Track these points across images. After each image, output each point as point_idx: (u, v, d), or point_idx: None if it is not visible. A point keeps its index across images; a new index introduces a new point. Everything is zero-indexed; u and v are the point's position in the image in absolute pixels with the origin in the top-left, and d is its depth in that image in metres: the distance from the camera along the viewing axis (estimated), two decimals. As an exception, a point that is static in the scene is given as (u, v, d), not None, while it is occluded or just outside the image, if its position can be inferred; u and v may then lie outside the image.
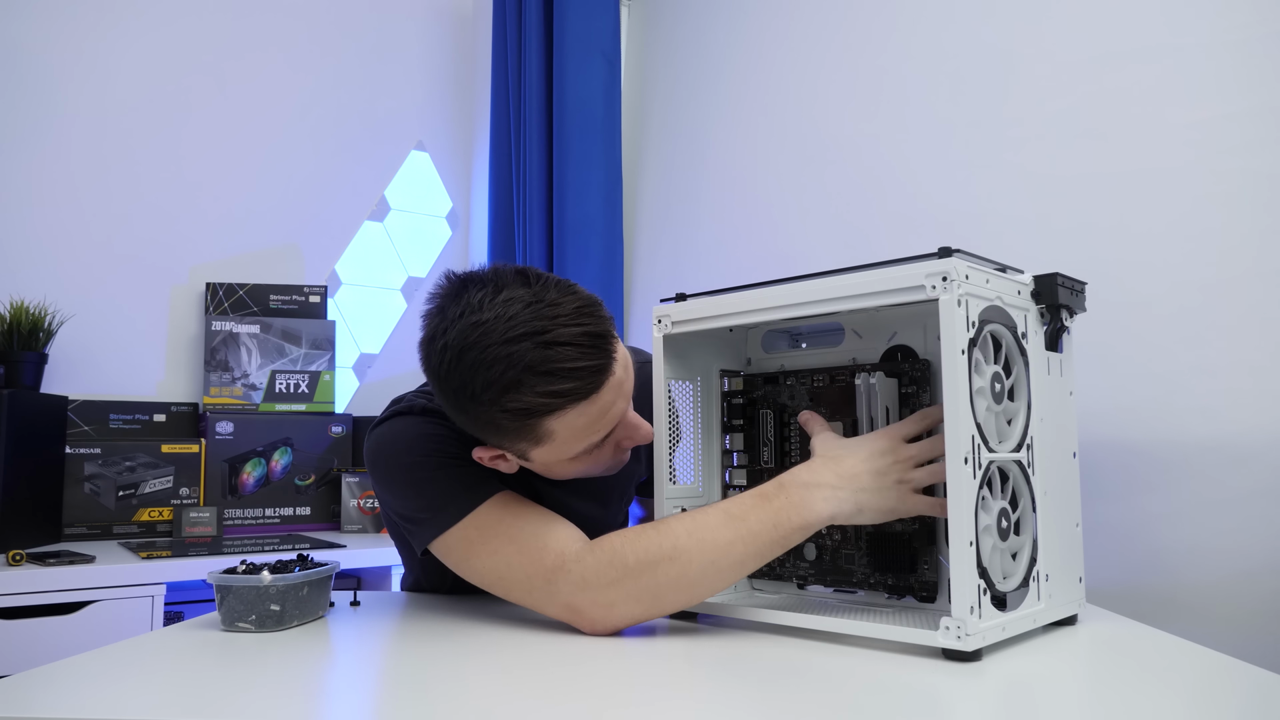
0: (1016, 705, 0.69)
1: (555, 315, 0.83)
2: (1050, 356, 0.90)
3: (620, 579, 0.85)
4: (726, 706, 0.68)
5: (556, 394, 0.83)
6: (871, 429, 0.90)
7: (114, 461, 1.93)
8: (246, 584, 0.89)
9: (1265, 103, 1.14)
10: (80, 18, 2.11)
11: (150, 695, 0.71)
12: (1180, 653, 0.81)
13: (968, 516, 0.75)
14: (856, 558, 0.94)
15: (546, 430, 0.86)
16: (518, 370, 0.82)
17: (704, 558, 0.84)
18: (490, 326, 0.82)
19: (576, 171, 2.18)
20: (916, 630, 0.78)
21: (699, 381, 1.04)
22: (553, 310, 0.83)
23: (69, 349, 2.02)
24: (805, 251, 1.77)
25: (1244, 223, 1.15)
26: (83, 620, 1.51)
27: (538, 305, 0.83)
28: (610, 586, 0.85)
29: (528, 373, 0.82)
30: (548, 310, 0.83)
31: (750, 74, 1.95)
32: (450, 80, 2.64)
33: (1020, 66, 1.42)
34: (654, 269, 2.22)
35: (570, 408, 0.84)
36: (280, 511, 2.06)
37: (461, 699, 0.69)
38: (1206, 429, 1.16)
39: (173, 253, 2.19)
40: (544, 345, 0.82)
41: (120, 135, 2.14)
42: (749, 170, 1.94)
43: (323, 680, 0.77)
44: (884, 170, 1.64)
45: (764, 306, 0.89)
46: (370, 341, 2.46)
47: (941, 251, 0.78)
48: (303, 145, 2.38)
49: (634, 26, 2.39)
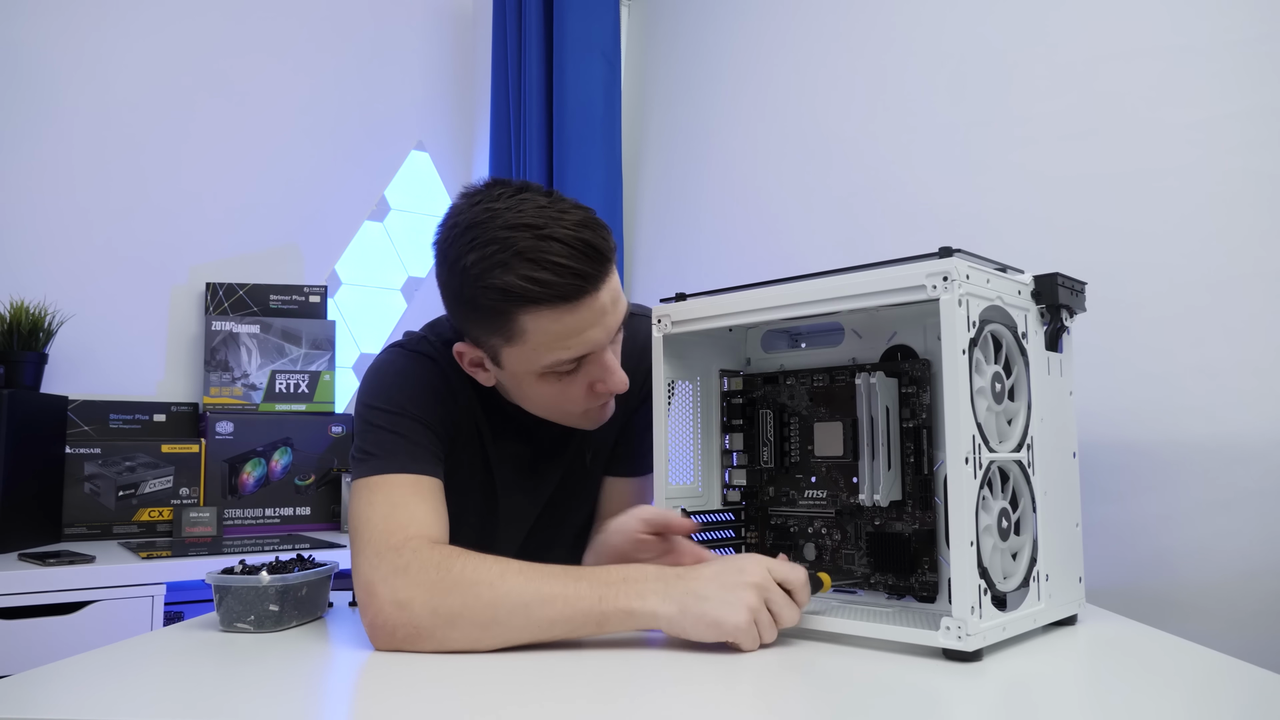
0: (1017, 705, 0.69)
1: (559, 217, 0.87)
2: (1050, 356, 0.90)
3: (435, 583, 0.80)
4: (726, 706, 0.68)
5: (536, 281, 0.85)
6: (871, 429, 0.90)
7: (114, 461, 1.93)
8: (245, 584, 0.89)
9: (1265, 103, 1.14)
10: (80, 18, 2.11)
11: (149, 696, 0.71)
12: (1180, 653, 0.81)
13: (968, 516, 0.75)
14: (856, 558, 0.94)
15: (520, 326, 0.88)
16: (508, 253, 0.85)
17: (520, 599, 0.79)
18: (499, 212, 0.87)
19: (576, 171, 2.18)
20: (917, 630, 0.78)
21: (698, 381, 1.04)
22: (559, 213, 0.87)
23: (69, 349, 2.02)
24: (806, 251, 1.77)
25: (1245, 223, 1.15)
26: (83, 620, 1.51)
27: (547, 207, 0.88)
28: (418, 585, 0.81)
29: (516, 257, 0.85)
30: (554, 212, 0.87)
31: (750, 73, 1.95)
32: (450, 80, 2.64)
33: (1022, 66, 1.42)
34: (654, 269, 2.22)
35: (546, 306, 0.86)
36: (280, 511, 2.06)
37: (461, 699, 0.69)
38: (1207, 429, 1.16)
39: (173, 252, 2.19)
40: (539, 237, 0.85)
41: (120, 135, 2.14)
42: (749, 170, 1.94)
43: (321, 681, 0.77)
44: (885, 169, 1.64)
45: (764, 306, 0.89)
46: (370, 341, 2.46)
47: (942, 251, 0.77)
48: (303, 145, 2.37)
49: (634, 26, 2.39)
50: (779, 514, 1.01)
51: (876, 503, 0.89)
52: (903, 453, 0.90)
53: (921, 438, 0.89)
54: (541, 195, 0.90)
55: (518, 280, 0.85)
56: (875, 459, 0.89)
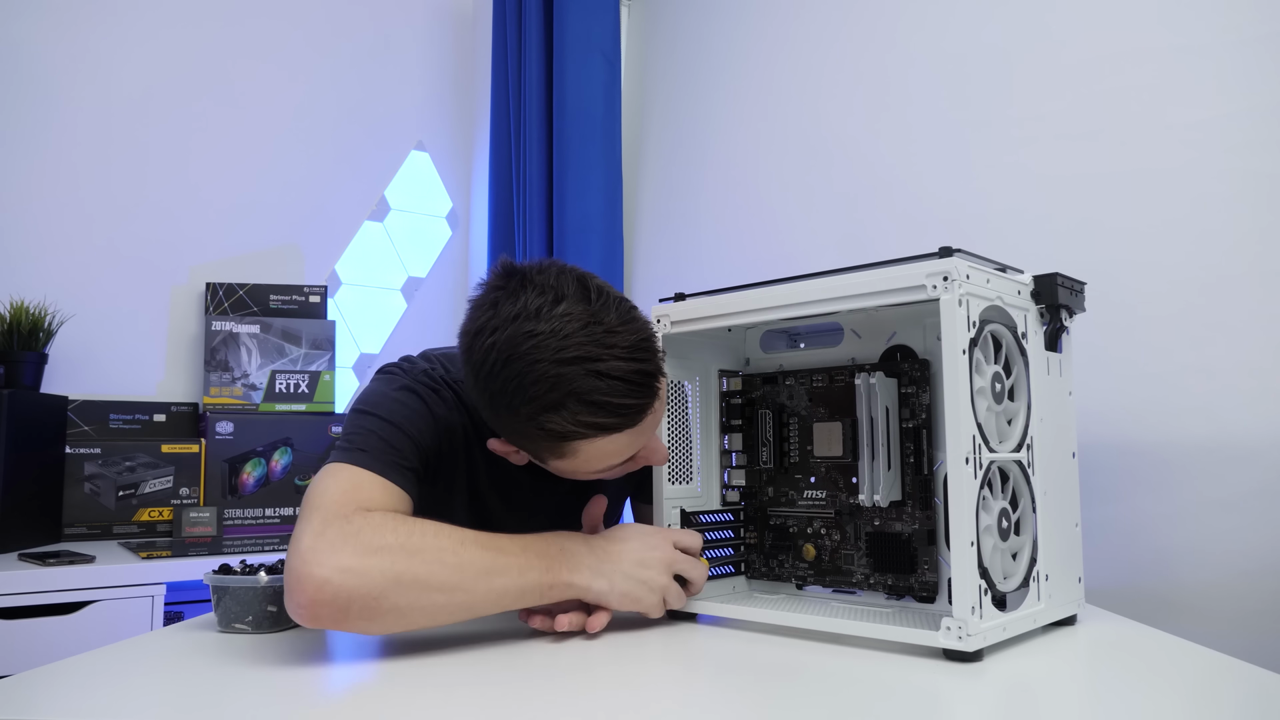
0: (1017, 705, 0.69)
1: (611, 345, 0.81)
2: (1050, 356, 0.90)
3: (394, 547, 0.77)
4: (726, 707, 0.68)
5: (595, 425, 0.82)
6: (871, 429, 0.90)
7: (114, 461, 1.93)
8: (243, 585, 0.89)
9: (1265, 103, 1.14)
10: (81, 18, 2.11)
11: (148, 696, 0.71)
12: (1180, 653, 0.81)
13: (968, 516, 0.75)
14: (856, 558, 0.94)
15: (574, 449, 0.85)
16: (562, 394, 0.80)
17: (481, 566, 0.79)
18: (543, 340, 0.80)
19: (576, 171, 2.18)
20: (917, 630, 0.78)
21: (698, 381, 1.04)
22: (609, 339, 0.81)
23: (69, 349, 2.02)
24: (807, 251, 1.77)
25: (1244, 223, 1.15)
26: (83, 620, 1.51)
27: (594, 328, 0.81)
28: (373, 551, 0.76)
29: (571, 398, 0.80)
30: (605, 337, 0.81)
31: (751, 73, 1.95)
32: (450, 80, 2.64)
33: (1022, 66, 1.42)
34: (654, 269, 2.22)
35: (603, 436, 0.84)
36: (280, 511, 2.06)
37: (460, 700, 0.69)
38: (1206, 429, 1.16)
39: (173, 252, 2.19)
40: (594, 375, 0.80)
41: (121, 135, 2.14)
42: (750, 169, 1.93)
43: (320, 682, 0.77)
44: (886, 169, 1.64)
45: (763, 306, 0.89)
46: (370, 341, 2.46)
47: (942, 251, 0.77)
48: (303, 145, 2.37)
49: (634, 26, 2.39)
50: (778, 514, 1.01)
51: (876, 503, 0.89)
52: (902, 453, 0.90)
53: (921, 438, 0.89)
54: (580, 304, 0.82)
55: (575, 425, 0.82)
56: (875, 459, 0.89)
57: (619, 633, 0.88)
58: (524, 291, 0.83)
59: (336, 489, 0.83)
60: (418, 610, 0.77)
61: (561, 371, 0.80)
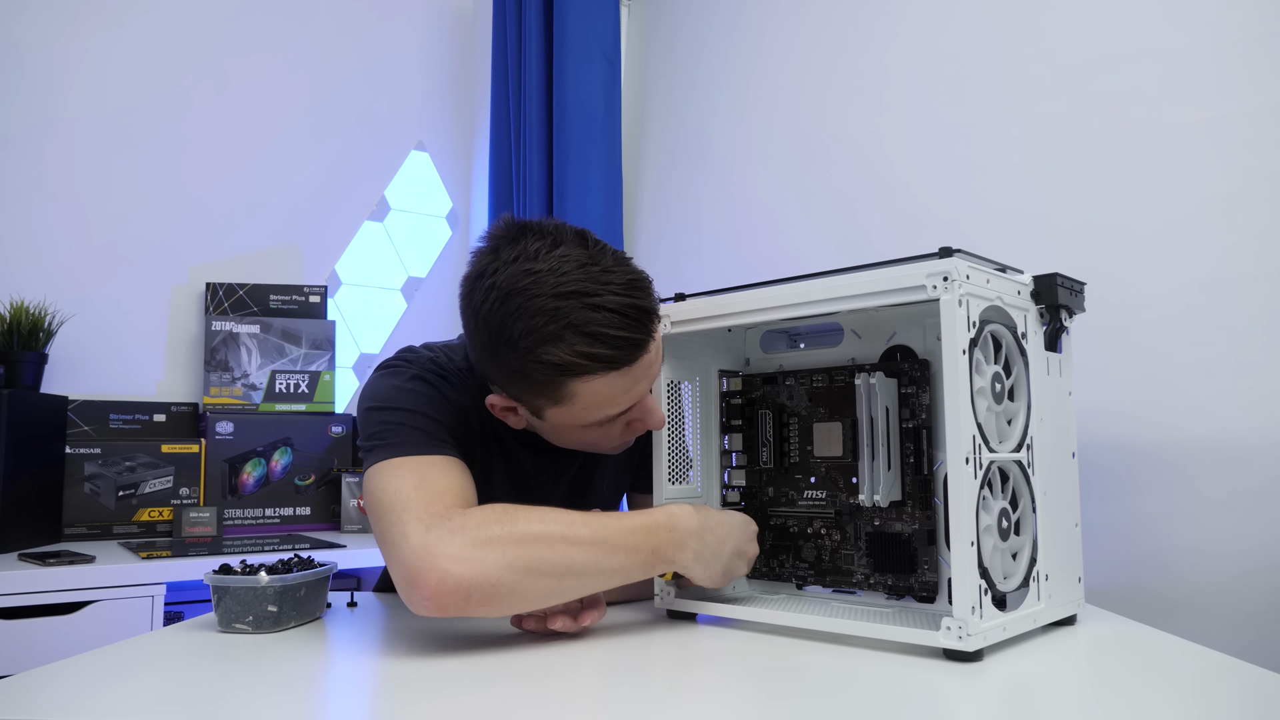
0: (1017, 705, 0.69)
1: (607, 281, 0.84)
2: (1050, 357, 0.90)
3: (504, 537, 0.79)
4: (726, 707, 0.68)
5: (592, 357, 0.84)
6: (871, 429, 0.90)
7: (114, 461, 1.93)
8: (243, 585, 0.89)
9: (1265, 103, 1.14)
10: (81, 18, 2.11)
11: (148, 696, 0.71)
12: (1180, 653, 0.81)
13: (969, 516, 0.75)
14: (856, 558, 0.94)
15: (571, 391, 0.86)
16: (560, 325, 0.82)
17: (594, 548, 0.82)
18: (541, 277, 0.83)
19: (576, 171, 2.18)
20: (918, 630, 0.78)
21: (698, 381, 1.04)
22: (605, 276, 0.85)
23: (69, 349, 2.02)
24: (807, 251, 1.77)
25: (1245, 223, 1.15)
26: (83, 620, 1.51)
27: (591, 267, 0.85)
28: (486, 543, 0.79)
29: (569, 329, 0.83)
30: (601, 275, 0.84)
31: (751, 73, 1.95)
32: (450, 80, 2.64)
33: (1022, 66, 1.42)
34: (654, 269, 2.20)
35: (600, 374, 0.85)
36: (280, 511, 2.06)
37: (460, 700, 0.69)
38: (1206, 429, 1.16)
39: (173, 253, 2.19)
40: (591, 307, 0.83)
41: (121, 135, 2.14)
42: (750, 169, 1.94)
43: (320, 682, 0.77)
44: (886, 169, 1.64)
45: (763, 306, 0.89)
46: (370, 341, 2.46)
47: (942, 251, 0.78)
48: (303, 145, 2.37)
49: (634, 26, 2.39)
50: (778, 514, 1.01)
51: (876, 503, 0.89)
52: (902, 453, 0.90)
53: (921, 438, 0.89)
54: (578, 248, 0.86)
55: (572, 356, 0.83)
56: (875, 459, 0.89)
57: (619, 633, 0.88)
58: (523, 238, 0.87)
59: (409, 486, 0.85)
60: (532, 594, 0.81)
61: (559, 304, 0.82)
